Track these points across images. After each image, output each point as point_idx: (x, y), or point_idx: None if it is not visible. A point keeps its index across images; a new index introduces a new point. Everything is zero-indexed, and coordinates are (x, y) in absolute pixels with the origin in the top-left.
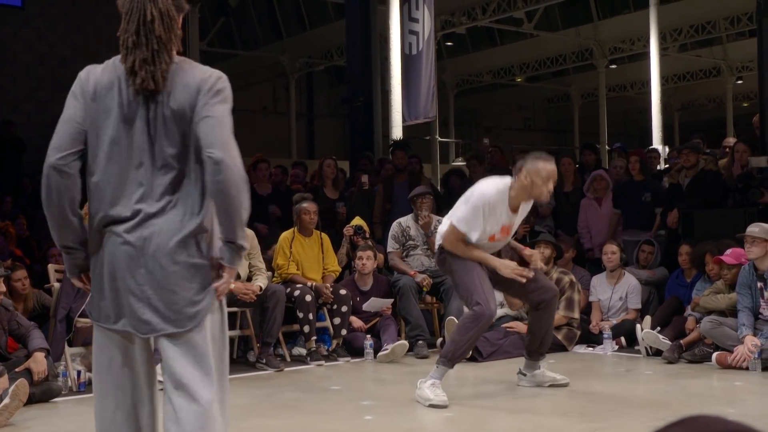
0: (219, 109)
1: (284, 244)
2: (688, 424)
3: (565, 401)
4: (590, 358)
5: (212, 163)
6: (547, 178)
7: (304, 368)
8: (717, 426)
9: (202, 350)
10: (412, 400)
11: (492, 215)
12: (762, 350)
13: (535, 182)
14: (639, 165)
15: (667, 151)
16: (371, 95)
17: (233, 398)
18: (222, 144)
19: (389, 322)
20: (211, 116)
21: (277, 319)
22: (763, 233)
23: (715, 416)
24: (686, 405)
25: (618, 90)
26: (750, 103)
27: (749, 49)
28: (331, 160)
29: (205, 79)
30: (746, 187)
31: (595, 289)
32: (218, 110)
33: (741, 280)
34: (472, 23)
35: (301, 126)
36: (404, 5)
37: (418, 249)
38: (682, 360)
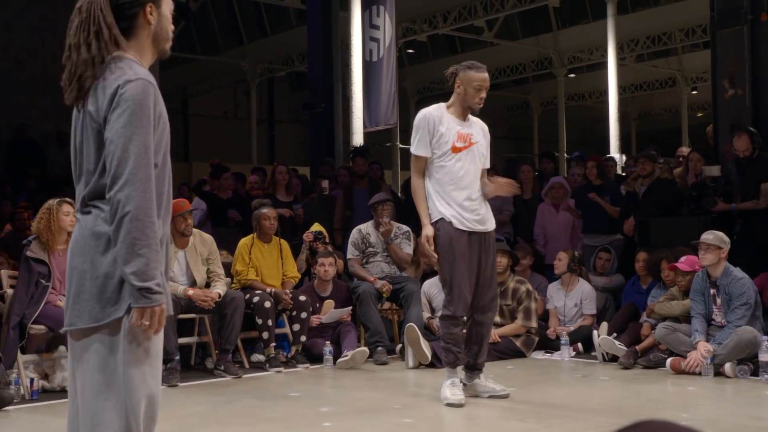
0: (115, 129)
1: (243, 250)
2: (639, 429)
3: (523, 407)
4: (548, 364)
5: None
6: (478, 87)
7: (262, 375)
8: (668, 430)
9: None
10: (372, 406)
11: (440, 125)
12: (714, 356)
13: (467, 91)
14: (596, 170)
15: (624, 159)
16: (332, 101)
17: (191, 405)
18: (116, 178)
19: (349, 328)
20: (111, 140)
21: (236, 326)
22: (716, 241)
23: (664, 421)
24: (641, 410)
25: (576, 99)
26: (704, 113)
27: (703, 60)
28: (282, 166)
29: (113, 89)
30: (700, 196)
31: (551, 296)
32: (115, 130)
33: (694, 287)
34: (433, 31)
35: (261, 131)
36: (365, 12)
37: (378, 256)
38: (637, 365)
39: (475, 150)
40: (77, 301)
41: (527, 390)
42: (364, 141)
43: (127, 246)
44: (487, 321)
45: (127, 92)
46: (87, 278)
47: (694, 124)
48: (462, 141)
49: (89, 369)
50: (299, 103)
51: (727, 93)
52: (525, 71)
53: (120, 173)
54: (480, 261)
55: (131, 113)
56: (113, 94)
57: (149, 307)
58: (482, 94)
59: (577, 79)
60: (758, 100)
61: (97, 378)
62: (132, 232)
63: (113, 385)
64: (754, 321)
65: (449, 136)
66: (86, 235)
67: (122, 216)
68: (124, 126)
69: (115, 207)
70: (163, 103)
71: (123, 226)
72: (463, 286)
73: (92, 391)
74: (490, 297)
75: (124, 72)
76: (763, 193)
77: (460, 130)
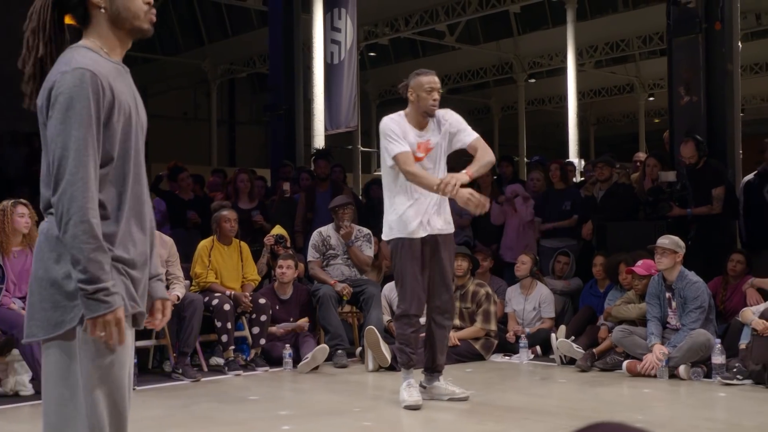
0: (53, 127)
1: (203, 252)
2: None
3: (481, 409)
4: (507, 367)
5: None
6: (430, 90)
7: (221, 378)
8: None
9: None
10: (331, 409)
11: (405, 131)
12: (669, 358)
13: (420, 95)
14: (559, 173)
15: (582, 164)
16: (293, 104)
17: (148, 409)
18: (58, 180)
19: (308, 338)
20: (51, 139)
21: (195, 329)
22: (672, 245)
23: (618, 423)
24: (598, 412)
25: (536, 104)
26: (661, 119)
27: (660, 67)
28: (244, 174)
29: (50, 84)
30: (656, 201)
31: (509, 300)
32: (52, 129)
33: (650, 290)
34: (395, 34)
35: (222, 133)
36: (327, 15)
37: (339, 258)
38: (594, 368)
39: (432, 156)
40: (35, 310)
41: (486, 392)
42: (326, 144)
43: (74, 251)
44: (446, 323)
45: (62, 85)
46: (43, 286)
47: (652, 129)
48: (421, 150)
49: (50, 381)
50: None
51: (682, 100)
52: (486, 76)
53: (61, 175)
54: (436, 261)
55: (66, 107)
56: (50, 89)
57: (101, 315)
58: (435, 95)
59: (537, 84)
60: (712, 106)
61: (60, 391)
62: (78, 236)
63: (75, 398)
64: (708, 324)
65: (410, 145)
66: (42, 241)
67: (67, 221)
68: (61, 122)
69: (59, 211)
70: (123, 90)
71: (69, 230)
72: (415, 284)
73: (54, 404)
74: (447, 297)
75: (62, 64)
76: (715, 198)
77: (420, 140)
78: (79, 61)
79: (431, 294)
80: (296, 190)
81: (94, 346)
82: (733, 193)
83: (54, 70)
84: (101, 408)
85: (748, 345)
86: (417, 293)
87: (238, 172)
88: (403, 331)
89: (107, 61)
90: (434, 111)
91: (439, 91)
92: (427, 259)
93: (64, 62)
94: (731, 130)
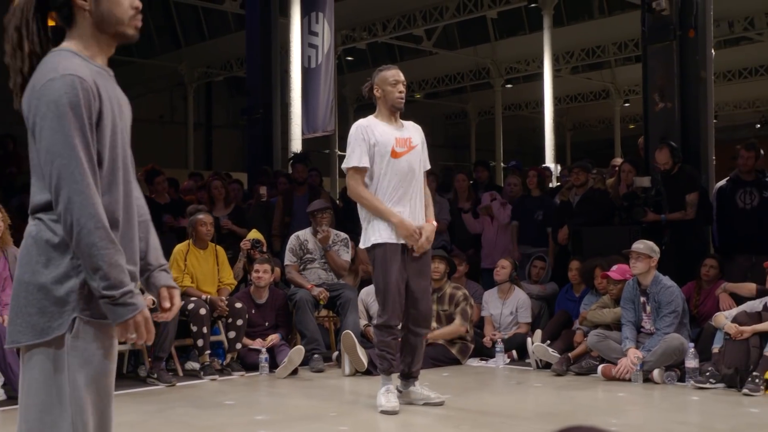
0: (46, 136)
1: (178, 256)
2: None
3: (457, 414)
4: (483, 371)
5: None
6: (394, 83)
7: (197, 383)
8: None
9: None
10: (307, 414)
11: (373, 134)
12: (643, 362)
13: (385, 90)
14: (536, 180)
15: (559, 169)
16: (271, 107)
17: (122, 415)
18: (59, 190)
19: (283, 348)
20: (46, 149)
21: (170, 333)
22: (647, 250)
23: (592, 426)
24: (573, 416)
25: (513, 109)
26: (636, 125)
27: (635, 73)
28: (217, 180)
29: (37, 91)
30: (631, 206)
31: (486, 304)
32: (45, 138)
33: (625, 295)
34: (372, 39)
35: (198, 136)
36: (305, 19)
37: (316, 263)
38: (570, 372)
39: (415, 154)
40: (18, 315)
41: (462, 397)
42: (303, 147)
43: (94, 259)
44: (422, 331)
45: (51, 92)
46: (29, 290)
47: (627, 135)
48: (402, 146)
49: (33, 387)
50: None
51: (657, 106)
52: (463, 81)
53: (63, 184)
54: (415, 271)
55: (59, 115)
56: (37, 96)
57: (131, 318)
58: (400, 87)
59: (514, 90)
60: (686, 113)
61: (42, 398)
62: (95, 243)
63: (61, 405)
64: (682, 328)
65: (387, 143)
66: (29, 245)
67: (79, 230)
68: (56, 131)
69: (69, 221)
70: (107, 95)
71: (84, 239)
72: (396, 294)
73: (36, 411)
74: (425, 307)
75: (48, 70)
76: (689, 204)
77: (397, 135)
78: (66, 66)
79: (409, 302)
80: (273, 194)
81: (83, 354)
82: (707, 198)
83: (39, 75)
84: (88, 415)
85: (720, 349)
86: (398, 303)
87: (212, 178)
88: (384, 338)
89: (91, 65)
90: (401, 104)
91: (403, 84)
92: (408, 267)
93: (51, 68)
94: (705, 136)
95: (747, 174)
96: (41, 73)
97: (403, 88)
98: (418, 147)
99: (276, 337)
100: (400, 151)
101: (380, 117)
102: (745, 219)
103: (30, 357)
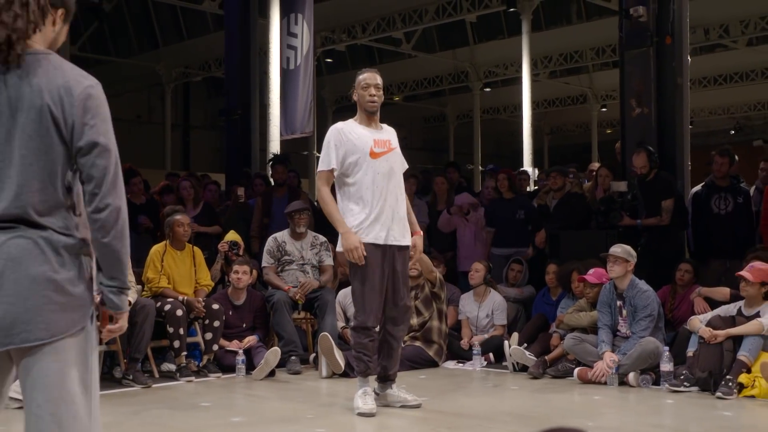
0: (100, 137)
1: (155, 257)
2: None
3: (434, 416)
4: (460, 374)
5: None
6: (365, 86)
7: (173, 385)
8: None
9: None
10: (284, 416)
11: (350, 135)
12: (619, 366)
13: (360, 94)
14: (507, 182)
15: (536, 173)
16: (249, 108)
17: None
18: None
19: (260, 349)
20: (100, 145)
21: (146, 334)
22: (624, 254)
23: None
24: (549, 418)
25: (492, 112)
26: (613, 130)
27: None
28: (186, 181)
29: (83, 88)
30: (608, 210)
31: (463, 306)
32: (105, 137)
33: (602, 298)
34: (351, 41)
35: (176, 137)
36: (284, 20)
37: (294, 264)
38: (546, 375)
39: (395, 155)
40: (37, 313)
41: (439, 399)
42: (281, 149)
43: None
44: (399, 333)
45: (100, 97)
46: (49, 288)
47: (604, 140)
48: (380, 147)
49: (52, 383)
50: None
51: (634, 111)
52: (442, 84)
53: (114, 182)
54: (392, 274)
55: (105, 119)
56: (85, 96)
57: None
58: (371, 90)
59: (493, 93)
60: (663, 118)
61: (69, 389)
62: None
63: (87, 395)
64: (657, 332)
65: (364, 145)
66: (43, 246)
67: (121, 226)
68: (106, 134)
69: (111, 218)
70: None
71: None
72: (373, 296)
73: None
74: (402, 310)
75: (77, 72)
76: (664, 210)
77: (375, 137)
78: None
79: (386, 305)
80: (250, 195)
81: (94, 342)
82: (682, 204)
83: (72, 73)
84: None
85: (695, 353)
86: (375, 305)
87: (181, 179)
88: (360, 340)
89: None
90: (372, 107)
91: (376, 87)
92: (386, 269)
93: (78, 71)
94: (680, 141)
95: (721, 180)
96: (75, 73)
97: (374, 92)
98: (397, 149)
99: (253, 339)
100: (379, 151)
101: (359, 120)
102: (720, 224)
103: (50, 352)
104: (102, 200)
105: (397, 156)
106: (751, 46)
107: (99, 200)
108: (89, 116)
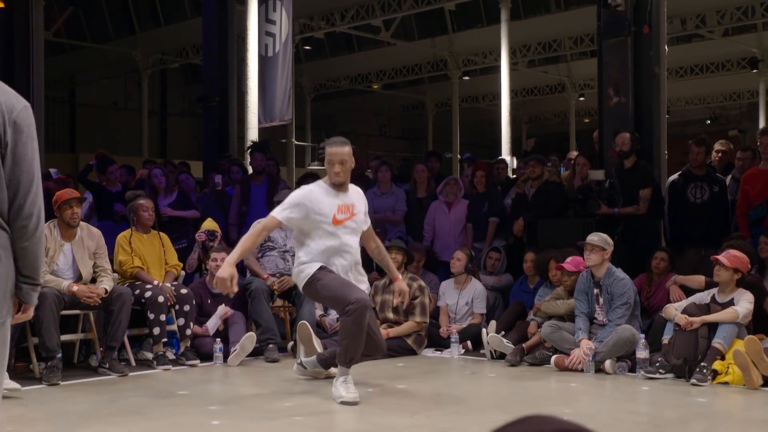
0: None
1: (123, 242)
2: (524, 424)
3: (412, 403)
4: (438, 362)
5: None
6: (331, 162)
7: (150, 373)
8: (550, 425)
9: None
10: (262, 404)
11: (319, 200)
12: (596, 353)
13: (327, 165)
14: (485, 179)
15: (515, 161)
16: (227, 95)
17: (73, 404)
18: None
19: (236, 318)
20: (24, 160)
21: (123, 323)
22: (601, 242)
23: (548, 416)
24: (526, 405)
25: (470, 101)
26: (591, 119)
27: (591, 68)
28: (157, 169)
29: (18, 109)
30: (585, 199)
31: (443, 294)
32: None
33: (579, 286)
34: (330, 28)
35: (153, 123)
36: (262, 6)
37: (275, 251)
38: (524, 363)
39: (357, 221)
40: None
41: (417, 387)
42: (260, 136)
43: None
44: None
45: (30, 118)
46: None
47: (582, 129)
48: (343, 213)
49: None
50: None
51: (611, 100)
52: (420, 72)
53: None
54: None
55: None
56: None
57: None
58: (336, 168)
59: (471, 82)
60: (640, 108)
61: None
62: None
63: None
64: (633, 320)
65: (328, 213)
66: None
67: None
68: (34, 151)
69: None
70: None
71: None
72: (345, 284)
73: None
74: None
75: (8, 91)
76: (642, 199)
77: (339, 203)
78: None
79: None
80: (227, 183)
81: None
82: (659, 193)
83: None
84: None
85: (670, 340)
86: (350, 287)
87: (153, 167)
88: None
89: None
90: (339, 181)
91: (341, 163)
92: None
93: (9, 90)
94: (658, 131)
95: (698, 169)
96: (8, 94)
97: (339, 169)
98: (360, 215)
99: (229, 311)
100: (342, 218)
101: (327, 183)
102: (696, 213)
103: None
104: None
105: (360, 221)
106: (727, 36)
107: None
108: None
